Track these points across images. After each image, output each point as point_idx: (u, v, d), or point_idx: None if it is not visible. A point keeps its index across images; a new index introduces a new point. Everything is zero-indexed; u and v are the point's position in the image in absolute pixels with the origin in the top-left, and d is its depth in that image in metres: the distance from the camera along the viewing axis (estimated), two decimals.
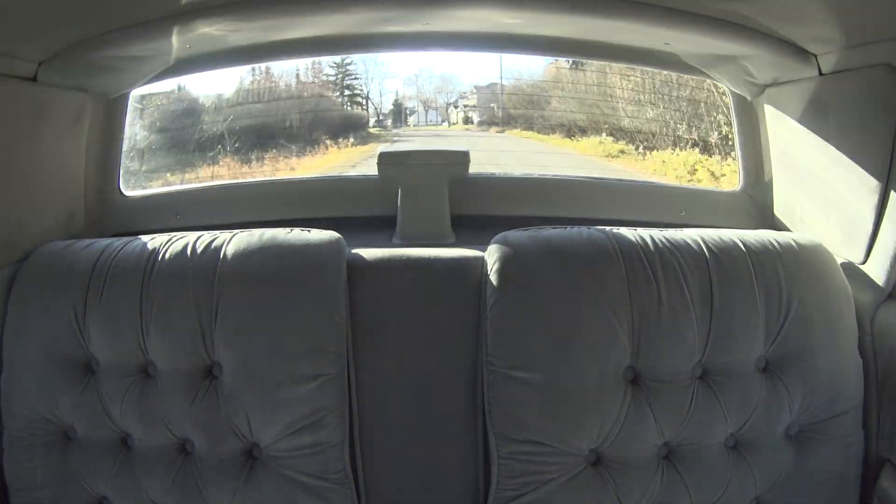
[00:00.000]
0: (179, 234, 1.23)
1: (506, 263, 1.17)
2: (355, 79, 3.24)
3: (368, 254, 1.27)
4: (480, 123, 3.56)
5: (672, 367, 1.14)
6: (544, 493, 1.13)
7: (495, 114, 3.42)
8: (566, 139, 2.83)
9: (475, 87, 3.57)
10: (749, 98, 1.55)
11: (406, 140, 3.25)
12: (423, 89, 3.58)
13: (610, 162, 2.76)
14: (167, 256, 1.18)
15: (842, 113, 1.22)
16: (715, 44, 1.32)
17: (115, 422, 1.16)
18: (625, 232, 1.21)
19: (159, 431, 1.15)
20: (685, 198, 1.73)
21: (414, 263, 1.26)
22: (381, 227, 1.67)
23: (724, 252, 1.18)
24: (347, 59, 3.10)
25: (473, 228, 1.63)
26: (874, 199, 1.16)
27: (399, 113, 3.61)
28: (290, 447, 1.14)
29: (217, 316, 1.14)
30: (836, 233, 1.27)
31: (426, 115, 3.67)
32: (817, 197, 1.33)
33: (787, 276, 1.16)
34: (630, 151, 2.68)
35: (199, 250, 1.18)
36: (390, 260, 1.26)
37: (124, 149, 1.61)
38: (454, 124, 3.60)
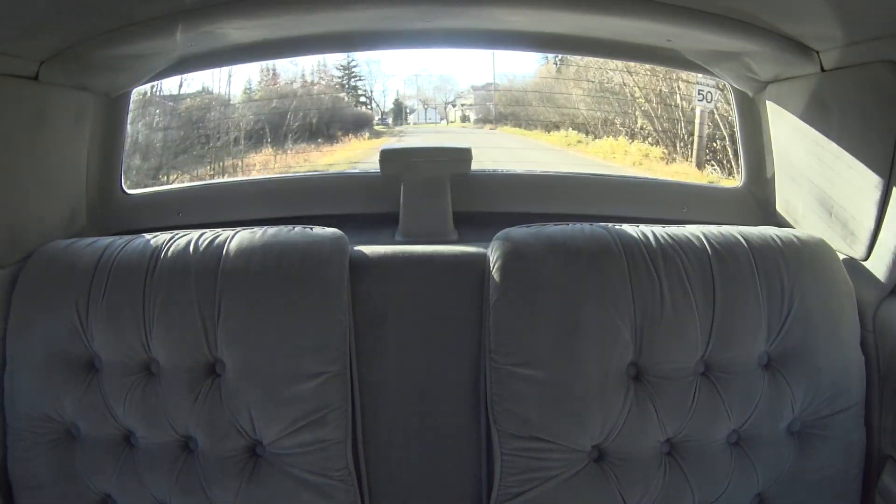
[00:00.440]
0: (182, 232, 1.23)
1: (508, 260, 1.17)
2: (360, 80, 3.65)
3: (371, 251, 1.27)
4: (477, 121, 3.87)
5: (674, 364, 1.14)
6: (547, 489, 1.13)
7: (490, 112, 3.80)
8: (544, 133, 3.57)
9: (472, 87, 3.87)
10: (751, 94, 1.55)
11: (411, 135, 3.72)
12: (422, 89, 3.86)
13: (568, 149, 3.50)
14: (169, 254, 1.18)
15: (844, 109, 1.22)
16: (717, 40, 1.32)
17: (119, 420, 1.16)
18: (627, 228, 1.21)
19: (162, 429, 1.15)
20: (687, 194, 1.73)
21: (416, 260, 1.26)
22: (383, 225, 1.67)
23: (726, 248, 1.18)
24: (353, 61, 3.54)
25: (476, 225, 1.63)
26: (876, 195, 1.16)
27: (400, 112, 3.86)
28: (293, 444, 1.14)
29: (220, 313, 1.14)
30: (837, 229, 1.27)
31: (425, 114, 3.89)
32: (819, 193, 1.33)
33: (789, 273, 1.16)
34: (586, 141, 3.48)
35: (202, 248, 1.18)
36: (393, 257, 1.26)
37: (127, 147, 1.62)
38: (452, 122, 3.89)
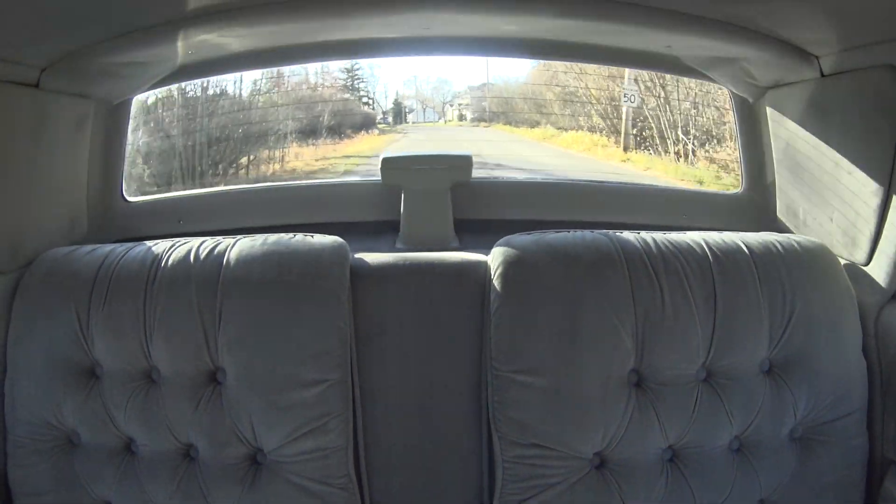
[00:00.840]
0: (182, 240, 1.23)
1: (509, 267, 1.17)
2: (363, 82, 4.07)
3: (372, 258, 1.27)
4: (473, 120, 4.26)
5: (676, 370, 1.14)
6: (549, 496, 1.13)
7: (484, 111, 4.24)
8: (528, 129, 4.16)
9: (469, 88, 4.25)
10: (751, 100, 1.55)
11: (412, 133, 4.16)
12: (420, 90, 4.19)
13: (542, 142, 4.09)
14: (170, 262, 1.18)
15: (843, 114, 1.22)
16: (716, 46, 1.32)
17: (119, 427, 1.16)
18: (627, 235, 1.21)
19: (163, 437, 1.15)
20: (687, 200, 1.73)
21: (417, 268, 1.26)
22: (384, 232, 1.67)
23: (727, 254, 1.18)
24: (356, 64, 3.93)
25: (476, 232, 1.63)
26: (877, 200, 1.16)
27: (399, 111, 4.14)
28: (295, 452, 1.14)
29: (220, 321, 1.14)
30: (838, 234, 1.27)
31: (424, 113, 4.19)
32: (820, 198, 1.33)
33: (790, 278, 1.16)
34: (557, 134, 4.11)
35: (203, 256, 1.18)
36: (394, 264, 1.26)
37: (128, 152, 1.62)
38: (449, 121, 4.23)
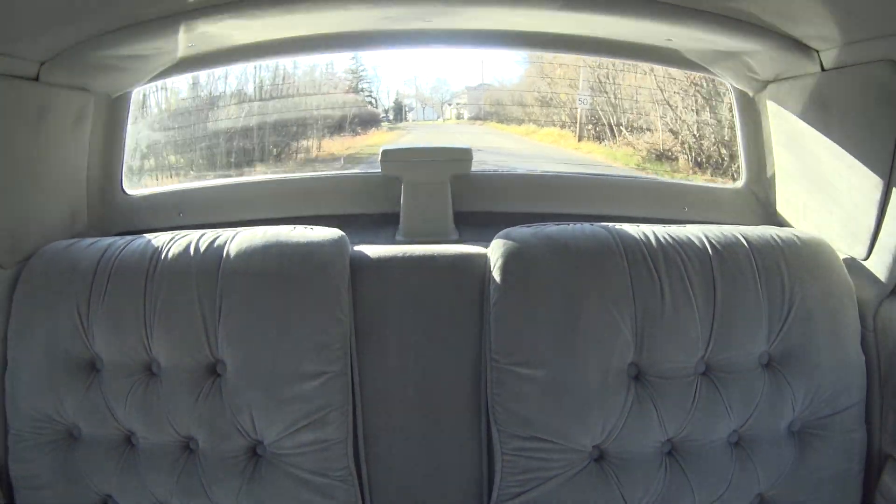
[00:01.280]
0: (182, 233, 1.23)
1: (509, 260, 1.17)
2: (366, 82, 4.21)
3: (371, 251, 1.27)
4: (470, 118, 4.48)
5: (675, 363, 1.14)
6: (548, 489, 1.13)
7: (480, 110, 4.50)
8: (517, 126, 4.43)
9: (467, 88, 4.43)
10: (751, 94, 1.55)
11: (416, 130, 4.33)
12: (420, 90, 4.35)
13: (524, 137, 4.38)
14: (170, 255, 1.18)
15: (844, 108, 1.22)
16: (717, 40, 1.32)
17: (120, 420, 1.16)
18: (627, 228, 1.21)
19: (163, 430, 1.15)
20: (688, 194, 1.73)
21: (417, 260, 1.26)
22: (384, 225, 1.67)
23: (727, 248, 1.18)
24: (361, 66, 4.08)
25: (476, 225, 1.64)
26: (876, 194, 1.15)
27: (399, 110, 4.26)
28: (294, 444, 1.15)
29: (220, 314, 1.14)
30: (838, 228, 1.27)
31: (423, 112, 4.31)
32: (819, 193, 1.33)
33: (790, 272, 1.16)
34: (536, 130, 4.38)
35: (203, 248, 1.18)
36: (393, 257, 1.26)
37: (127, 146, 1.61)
38: (448, 119, 4.41)
